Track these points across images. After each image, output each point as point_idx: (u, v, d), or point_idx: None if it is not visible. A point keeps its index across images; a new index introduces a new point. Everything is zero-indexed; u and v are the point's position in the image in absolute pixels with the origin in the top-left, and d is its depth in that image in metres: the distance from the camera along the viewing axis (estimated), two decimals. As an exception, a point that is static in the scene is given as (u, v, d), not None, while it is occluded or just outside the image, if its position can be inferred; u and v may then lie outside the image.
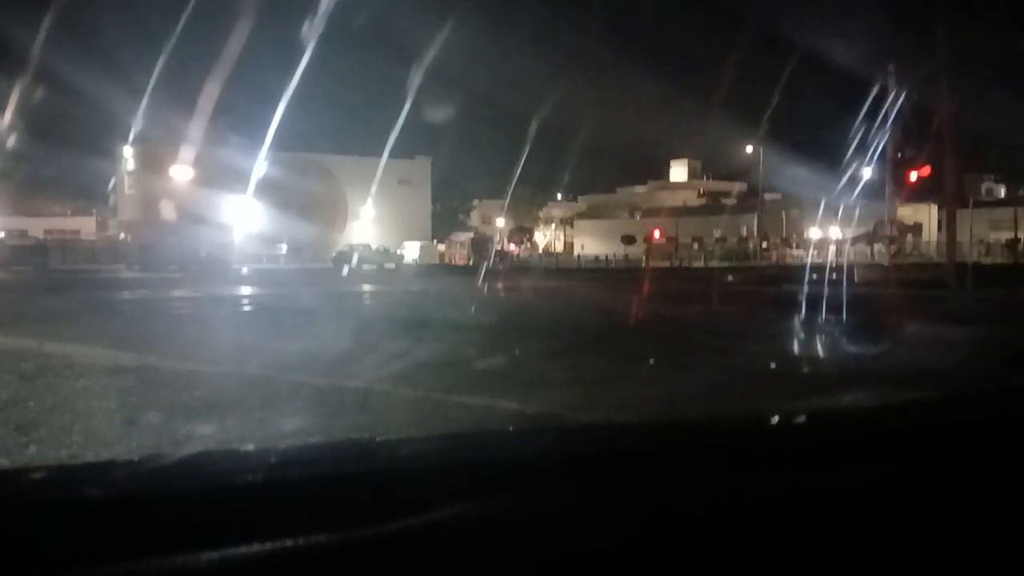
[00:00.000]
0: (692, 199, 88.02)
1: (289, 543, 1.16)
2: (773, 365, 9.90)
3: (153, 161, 55.52)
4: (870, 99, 28.54)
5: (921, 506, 1.47)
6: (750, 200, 72.58)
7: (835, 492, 1.46)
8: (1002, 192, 65.27)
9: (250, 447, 1.40)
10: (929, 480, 1.54)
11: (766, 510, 1.40)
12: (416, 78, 36.19)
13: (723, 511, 1.38)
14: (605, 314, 18.87)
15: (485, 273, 31.83)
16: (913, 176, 28.97)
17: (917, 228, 64.22)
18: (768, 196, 69.24)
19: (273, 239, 54.66)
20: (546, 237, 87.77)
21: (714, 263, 53.60)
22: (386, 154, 44.65)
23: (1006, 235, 53.12)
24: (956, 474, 1.55)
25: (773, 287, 24.42)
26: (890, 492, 1.47)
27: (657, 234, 67.26)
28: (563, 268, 50.97)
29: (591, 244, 74.70)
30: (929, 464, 1.57)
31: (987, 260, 44.39)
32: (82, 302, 21.49)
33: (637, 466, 1.45)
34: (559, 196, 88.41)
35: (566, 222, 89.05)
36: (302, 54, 26.86)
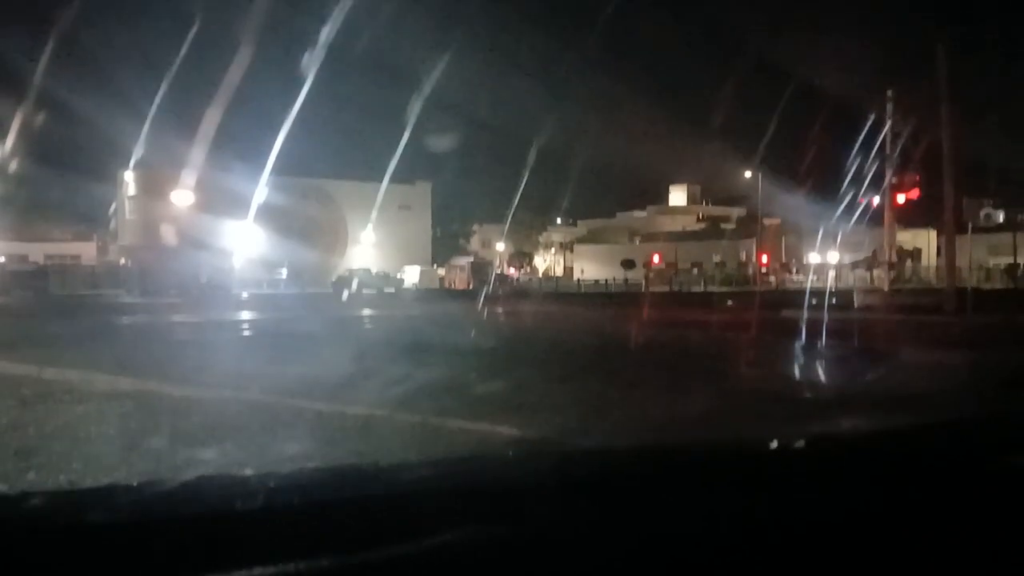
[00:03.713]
0: (691, 224, 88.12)
1: (290, 568, 1.16)
2: (771, 391, 9.88)
3: (154, 186, 55.63)
4: (868, 125, 28.66)
5: (919, 530, 1.47)
6: (749, 225, 72.62)
7: (832, 517, 1.46)
8: (1001, 217, 65.32)
9: (250, 472, 1.41)
10: (927, 505, 1.54)
11: (765, 534, 1.40)
12: (416, 104, 36.37)
13: (721, 538, 1.38)
14: (604, 339, 18.84)
15: (485, 298, 31.82)
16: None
17: (916, 254, 64.25)
18: (767, 221, 69.33)
19: (273, 264, 54.66)
20: (546, 261, 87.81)
21: (714, 288, 53.57)
22: (386, 179, 44.80)
23: (1005, 260, 53.08)
24: (954, 499, 1.55)
25: (772, 312, 24.43)
26: (887, 517, 1.47)
27: (656, 259, 67.33)
28: (563, 293, 50.95)
29: (591, 268, 74.70)
30: (927, 489, 1.57)
31: (987, 285, 44.37)
32: (82, 327, 21.47)
33: (636, 492, 1.45)
34: (559, 221, 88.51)
35: (566, 246, 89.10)
36: (303, 80, 27.02)
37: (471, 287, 53.55)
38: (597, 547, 1.32)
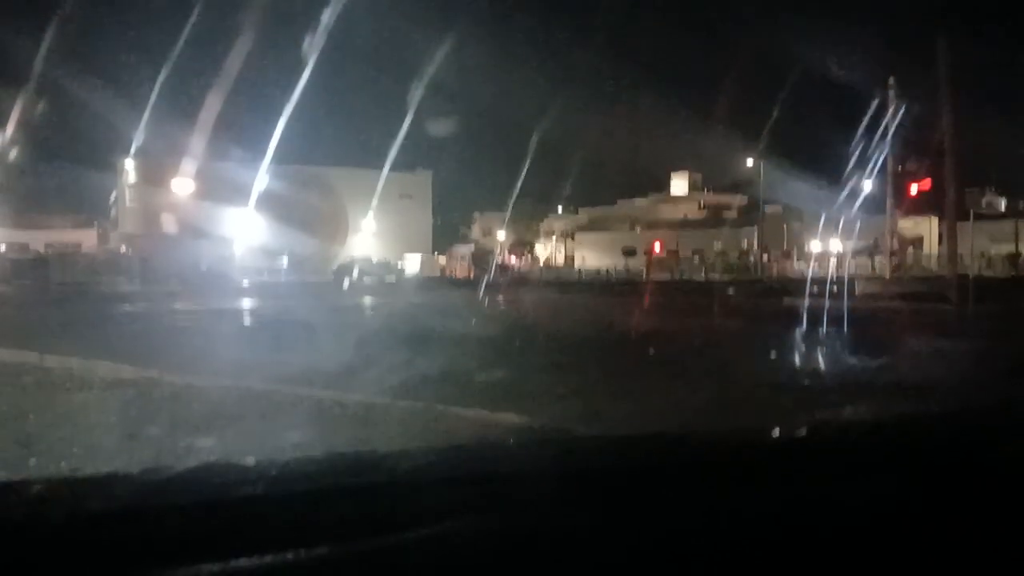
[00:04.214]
0: (693, 212, 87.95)
1: (290, 555, 1.16)
2: (770, 381, 9.88)
3: (154, 174, 55.58)
4: (871, 112, 28.61)
5: (922, 519, 1.47)
6: (751, 213, 72.58)
7: (835, 507, 1.46)
8: (1003, 205, 65.31)
9: (251, 460, 1.40)
10: (930, 493, 1.54)
11: (766, 525, 1.40)
12: (417, 92, 36.31)
13: (723, 526, 1.38)
14: (605, 328, 18.85)
15: (486, 286, 31.83)
16: (914, 189, 28.94)
17: (918, 241, 64.19)
18: (769, 209, 69.25)
19: (274, 252, 54.69)
20: (547, 250, 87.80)
21: (715, 276, 53.58)
22: (387, 167, 44.79)
23: (1007, 248, 53.11)
24: (956, 489, 1.55)
25: (774, 300, 24.44)
26: (891, 506, 1.47)
27: (658, 247, 67.28)
28: (564, 281, 50.98)
29: (592, 257, 74.67)
30: (930, 477, 1.57)
31: (988, 273, 44.35)
32: (83, 315, 21.51)
33: (637, 480, 1.45)
34: (560, 209, 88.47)
35: (567, 235, 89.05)
36: (303, 68, 26.97)
37: (472, 276, 53.60)
38: (597, 536, 1.32)
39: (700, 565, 1.32)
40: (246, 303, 27.84)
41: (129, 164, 60.77)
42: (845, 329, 15.84)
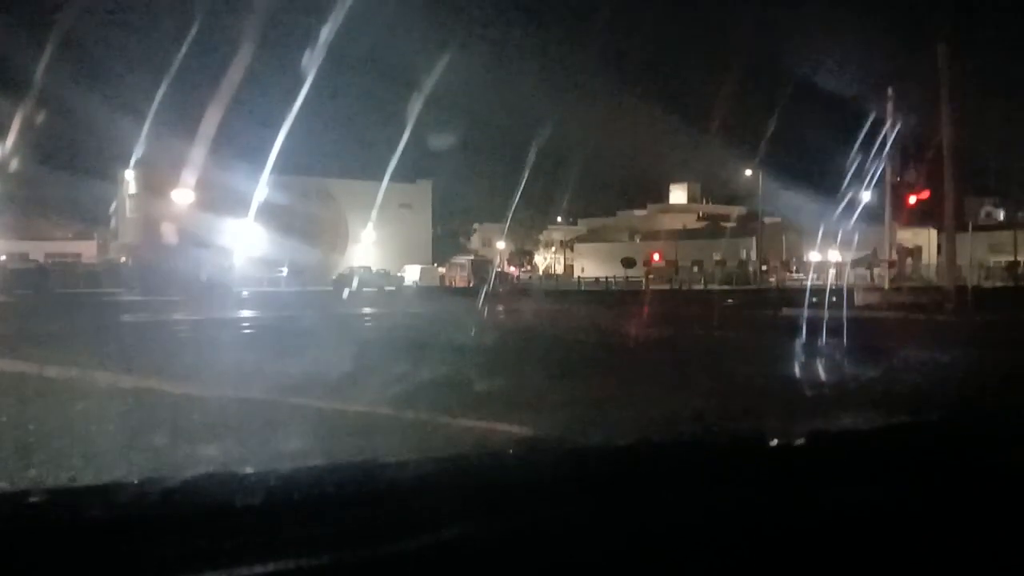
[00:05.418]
0: (692, 222, 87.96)
1: (290, 564, 1.17)
2: (769, 389, 9.87)
3: (154, 185, 55.50)
4: (869, 123, 28.59)
5: (919, 525, 1.48)
6: (750, 223, 72.57)
7: (829, 513, 1.47)
8: (1001, 215, 65.30)
9: (251, 470, 1.41)
10: (927, 499, 1.55)
11: (766, 530, 1.41)
12: (417, 103, 36.28)
13: (719, 535, 1.39)
14: (603, 337, 18.83)
15: (485, 296, 31.78)
16: (912, 199, 28.90)
17: (917, 252, 64.17)
18: (768, 220, 69.29)
19: (274, 262, 54.62)
20: (546, 260, 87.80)
21: (714, 286, 53.52)
22: (387, 178, 44.72)
23: (1005, 258, 53.11)
24: (950, 495, 1.56)
25: (772, 310, 24.41)
26: (888, 511, 1.48)
27: (657, 257, 67.26)
28: (563, 291, 50.95)
29: (591, 267, 74.65)
30: (927, 484, 1.58)
31: (987, 283, 44.32)
32: (83, 325, 21.47)
33: (635, 489, 1.46)
34: (559, 219, 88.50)
35: (566, 245, 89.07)
36: (304, 79, 26.97)
37: (471, 285, 53.50)
38: (596, 544, 1.33)
39: (700, 569, 1.33)
40: (246, 313, 27.80)
41: (129, 175, 60.74)
42: (842, 339, 15.82)
